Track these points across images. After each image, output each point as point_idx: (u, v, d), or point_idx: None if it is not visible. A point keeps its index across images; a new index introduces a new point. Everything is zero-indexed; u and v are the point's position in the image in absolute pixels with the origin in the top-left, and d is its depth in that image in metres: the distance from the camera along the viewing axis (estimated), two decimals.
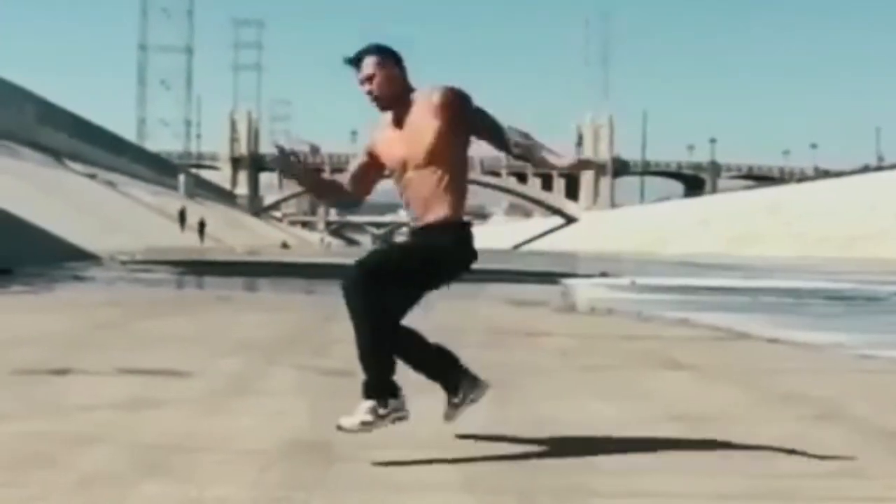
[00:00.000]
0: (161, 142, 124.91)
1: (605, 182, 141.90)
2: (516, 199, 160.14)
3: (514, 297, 15.37)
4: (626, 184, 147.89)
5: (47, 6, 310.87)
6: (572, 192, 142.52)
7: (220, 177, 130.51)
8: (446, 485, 3.43)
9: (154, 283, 17.84)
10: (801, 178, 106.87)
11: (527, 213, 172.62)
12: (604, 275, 24.79)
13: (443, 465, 3.69)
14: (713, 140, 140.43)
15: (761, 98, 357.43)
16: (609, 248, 75.25)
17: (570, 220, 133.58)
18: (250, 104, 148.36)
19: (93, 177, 51.63)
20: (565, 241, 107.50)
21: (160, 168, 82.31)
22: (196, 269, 23.95)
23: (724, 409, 5.12)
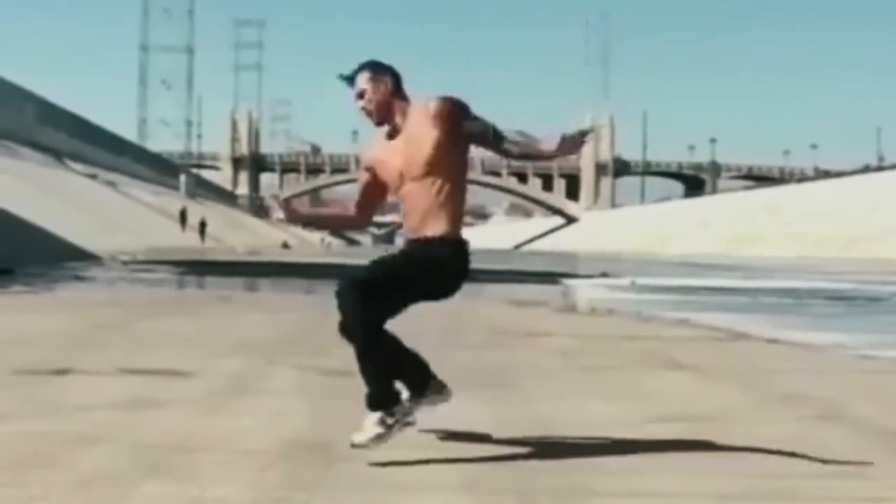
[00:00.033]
0: (162, 142, 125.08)
1: (605, 182, 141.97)
2: (517, 199, 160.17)
3: (515, 298, 15.38)
4: (627, 184, 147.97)
5: (47, 6, 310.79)
6: (573, 193, 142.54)
7: (220, 177, 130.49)
8: (446, 485, 3.43)
9: (155, 283, 17.84)
10: (801, 178, 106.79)
11: (527, 214, 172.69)
12: (604, 275, 24.79)
13: (442, 465, 3.69)
14: (713, 140, 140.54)
15: (761, 98, 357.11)
16: (609, 248, 75.27)
17: (570, 220, 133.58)
18: (251, 104, 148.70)
19: (94, 177, 51.64)
20: (566, 241, 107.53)
21: (161, 168, 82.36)
22: (197, 269, 23.95)
23: (725, 410, 5.12)
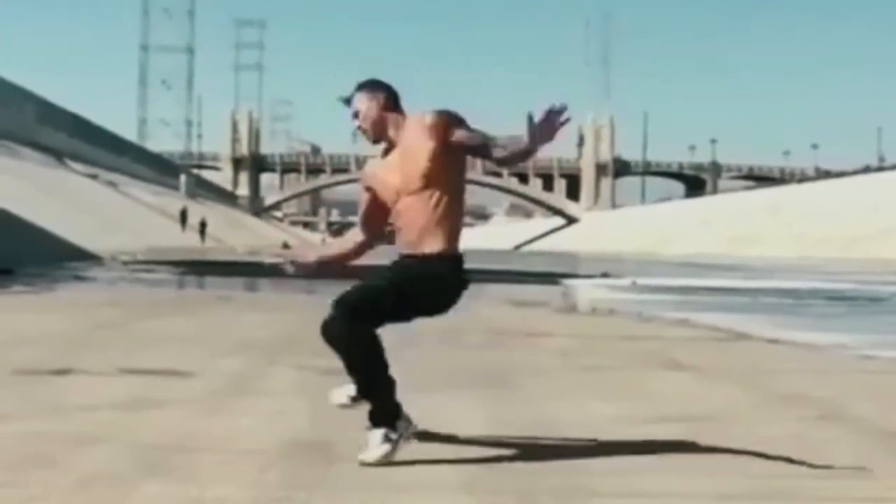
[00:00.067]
0: (162, 142, 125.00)
1: (606, 182, 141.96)
2: (517, 200, 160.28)
3: (515, 298, 15.37)
4: (627, 184, 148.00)
5: (47, 6, 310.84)
6: (573, 193, 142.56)
7: (221, 177, 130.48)
8: (446, 485, 3.43)
9: (155, 283, 17.83)
10: (801, 178, 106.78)
11: (528, 214, 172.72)
12: (605, 275, 24.77)
13: (443, 465, 3.69)
14: (714, 140, 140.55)
15: (762, 98, 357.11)
16: (610, 248, 75.23)
17: (571, 220, 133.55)
18: (251, 104, 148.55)
19: (94, 177, 51.65)
20: (566, 241, 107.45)
21: (161, 168, 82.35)
22: (197, 269, 23.93)
23: (725, 410, 5.12)
